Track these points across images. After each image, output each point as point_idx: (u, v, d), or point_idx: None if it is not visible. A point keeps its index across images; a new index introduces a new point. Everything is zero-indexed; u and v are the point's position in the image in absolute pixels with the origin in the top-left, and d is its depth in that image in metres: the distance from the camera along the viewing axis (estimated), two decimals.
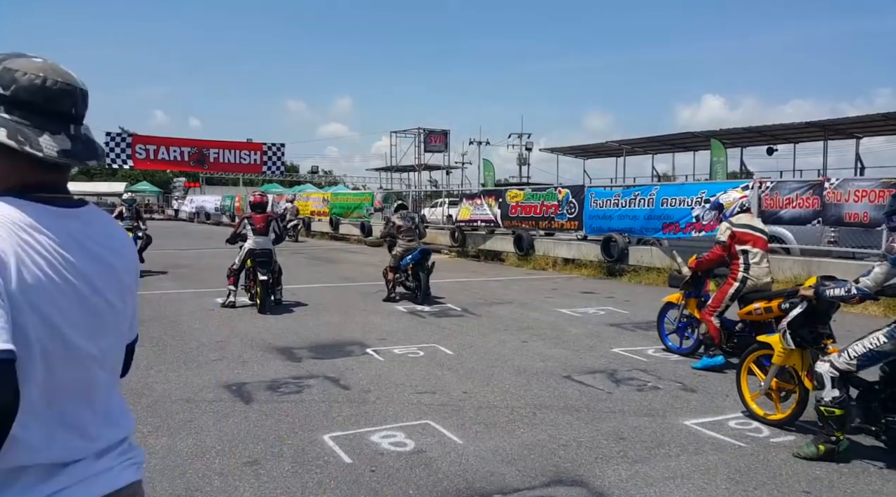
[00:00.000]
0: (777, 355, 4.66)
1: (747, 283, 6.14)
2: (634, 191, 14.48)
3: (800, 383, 4.56)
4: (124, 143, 43.75)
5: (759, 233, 6.36)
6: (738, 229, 6.28)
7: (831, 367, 4.07)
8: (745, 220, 6.43)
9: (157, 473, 3.84)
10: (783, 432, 4.67)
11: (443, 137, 42.25)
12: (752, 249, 6.19)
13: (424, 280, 10.40)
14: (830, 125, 23.57)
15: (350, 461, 4.10)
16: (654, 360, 6.82)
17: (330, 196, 29.93)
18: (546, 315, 9.53)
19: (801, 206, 11.30)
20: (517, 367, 6.46)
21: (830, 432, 4.04)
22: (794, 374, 4.62)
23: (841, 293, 4.12)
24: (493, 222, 18.87)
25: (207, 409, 5.08)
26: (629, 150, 32.05)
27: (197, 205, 45.76)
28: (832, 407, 4.00)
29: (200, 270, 15.04)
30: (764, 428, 4.77)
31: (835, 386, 4.03)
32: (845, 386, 4.06)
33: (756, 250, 6.20)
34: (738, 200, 6.66)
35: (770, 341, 4.78)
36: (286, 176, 54.20)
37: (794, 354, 4.58)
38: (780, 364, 4.67)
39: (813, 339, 4.51)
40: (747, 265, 6.16)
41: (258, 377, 6.01)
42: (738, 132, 26.51)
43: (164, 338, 7.64)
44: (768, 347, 4.80)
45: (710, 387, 5.84)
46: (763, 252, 6.26)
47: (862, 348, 3.96)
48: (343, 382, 5.89)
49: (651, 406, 5.28)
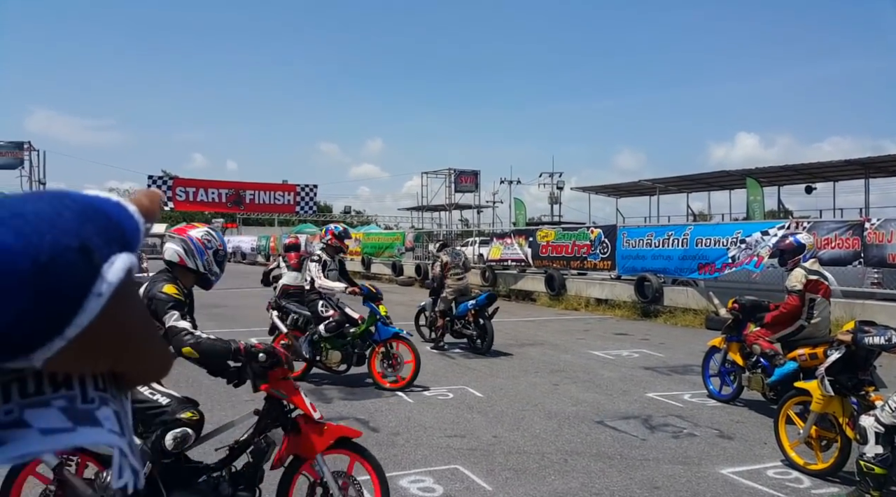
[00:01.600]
0: (816, 402, 4.52)
1: (803, 330, 5.90)
2: (668, 230, 14.34)
3: (841, 432, 4.40)
4: (165, 186, 45.01)
5: (826, 281, 6.05)
6: (812, 277, 5.93)
7: (876, 421, 3.90)
8: (816, 266, 6.11)
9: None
10: (825, 483, 4.51)
11: (473, 177, 42.53)
12: (819, 298, 5.91)
13: (490, 329, 9.45)
14: (871, 163, 23.16)
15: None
16: (691, 406, 6.66)
17: (362, 236, 30.19)
18: (578, 357, 9.41)
19: (840, 246, 11.06)
20: (548, 411, 6.36)
21: (866, 489, 3.87)
22: (835, 423, 4.46)
23: (881, 342, 3.99)
24: (524, 262, 18.81)
25: None
26: (662, 188, 31.83)
27: (234, 245, 46.55)
28: (873, 464, 3.84)
29: (235, 309, 15.23)
30: (804, 478, 4.61)
31: (879, 442, 3.86)
32: (891, 442, 3.89)
33: (822, 299, 5.92)
34: (813, 245, 6.32)
35: (808, 387, 4.64)
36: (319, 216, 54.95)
37: (834, 402, 4.44)
38: (819, 411, 4.52)
39: (853, 386, 4.37)
40: (810, 315, 5.89)
41: None
42: (774, 170, 26.17)
43: (200, 376, 7.68)
44: (807, 394, 4.66)
45: (749, 434, 5.67)
46: (827, 302, 5.99)
47: None
48: (373, 424, 5.86)
49: (686, 454, 5.14)
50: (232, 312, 14.56)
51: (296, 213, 49.33)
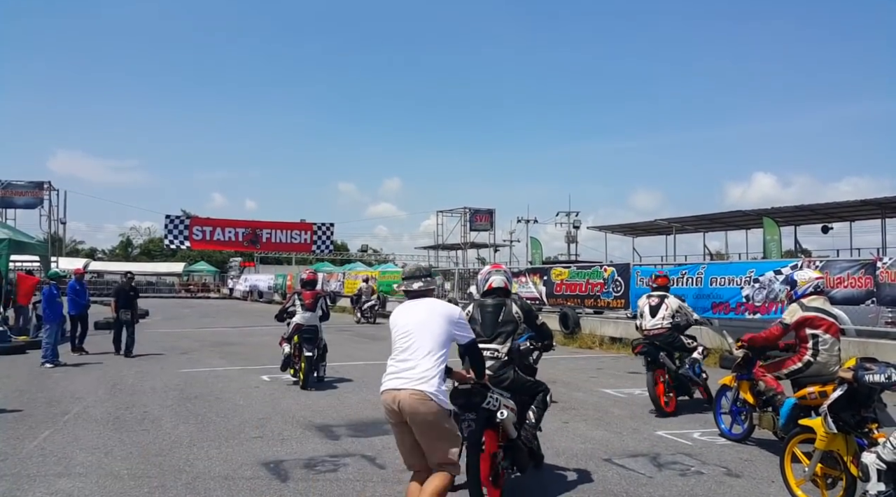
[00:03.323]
0: (820, 440, 4.51)
1: (811, 367, 5.83)
2: (682, 269, 14.36)
3: (846, 470, 4.38)
4: (182, 225, 45.80)
5: (832, 318, 5.99)
6: (809, 313, 5.93)
7: (878, 458, 3.90)
8: (817, 303, 6.05)
9: None
10: None
11: (488, 216, 42.86)
12: (824, 335, 5.85)
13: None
14: (888, 203, 23.04)
15: None
16: (700, 444, 6.62)
17: (378, 274, 30.37)
18: (590, 395, 9.38)
19: (852, 285, 11.02)
20: (556, 449, 6.35)
21: None
22: (840, 460, 4.44)
23: (881, 379, 4.00)
24: (539, 300, 18.83)
25: (244, 487, 5.14)
26: (679, 227, 31.81)
27: (251, 284, 46.98)
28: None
29: (249, 348, 15.36)
30: None
31: (881, 479, 3.85)
32: (894, 479, 3.87)
33: (827, 337, 5.85)
34: (815, 281, 6.21)
35: (812, 425, 4.63)
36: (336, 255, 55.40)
37: (838, 439, 4.42)
38: (823, 449, 4.51)
39: (856, 423, 4.35)
40: (816, 351, 5.83)
41: (296, 455, 6.06)
42: (790, 210, 26.07)
43: (209, 414, 7.79)
44: (812, 431, 4.65)
45: (757, 472, 5.63)
46: (835, 339, 5.90)
47: None
48: (379, 461, 5.89)
49: (693, 492, 5.12)
50: (246, 351, 14.69)
51: (312, 252, 49.76)
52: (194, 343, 16.52)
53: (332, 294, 33.57)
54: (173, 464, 5.74)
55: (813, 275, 6.33)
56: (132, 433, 6.92)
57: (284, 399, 8.83)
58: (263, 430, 7.08)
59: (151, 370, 11.50)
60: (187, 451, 6.18)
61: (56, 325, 12.38)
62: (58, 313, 12.56)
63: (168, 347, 15.31)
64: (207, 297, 52.75)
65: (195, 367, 11.79)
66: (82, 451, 6.21)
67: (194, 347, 15.55)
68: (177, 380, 10.47)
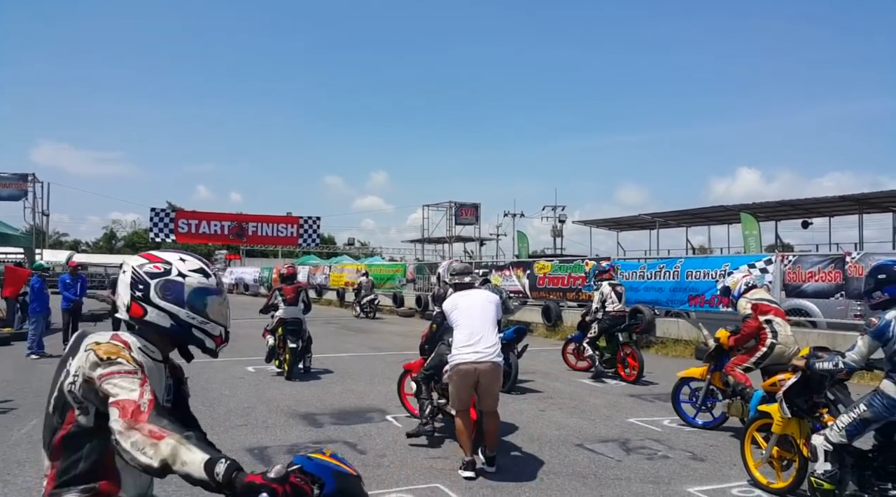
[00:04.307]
0: (776, 424, 4.79)
1: (775, 348, 6.24)
2: (660, 263, 14.65)
3: (799, 452, 4.66)
4: (168, 217, 45.70)
5: (774, 304, 6.58)
6: (757, 301, 6.48)
7: (825, 440, 4.17)
8: (759, 293, 6.64)
9: None
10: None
11: (473, 210, 43.06)
12: (775, 318, 6.36)
13: (515, 366, 8.87)
14: (865, 199, 23.51)
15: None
16: (669, 431, 6.90)
17: (364, 267, 30.52)
18: (567, 385, 9.64)
19: (823, 279, 11.35)
20: (531, 435, 6.60)
21: None
22: (794, 443, 4.72)
23: (829, 367, 4.26)
24: (522, 293, 19.09)
25: None
26: (662, 222, 32.18)
27: (236, 276, 46.87)
28: (821, 480, 4.10)
29: (234, 340, 15.42)
30: (765, 496, 4.84)
31: (827, 459, 4.12)
32: (840, 459, 4.14)
33: (779, 319, 6.38)
34: (742, 280, 6.88)
35: (770, 410, 4.91)
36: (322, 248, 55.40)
37: (792, 423, 4.70)
38: (779, 433, 4.78)
39: (808, 408, 4.63)
40: (775, 332, 6.29)
41: (280, 441, 6.27)
42: (771, 206, 26.47)
43: (195, 404, 7.89)
44: (770, 416, 4.93)
45: (720, 456, 5.91)
46: (785, 321, 6.44)
47: (848, 419, 4.09)
48: (360, 447, 6.11)
49: (658, 474, 5.38)
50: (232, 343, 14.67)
51: (298, 246, 49.78)
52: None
53: (318, 287, 33.69)
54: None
55: (738, 276, 7.04)
56: None
57: (269, 389, 9.02)
58: (248, 418, 7.28)
59: None
60: None
61: (42, 317, 12.47)
62: (44, 305, 12.64)
63: None
64: None
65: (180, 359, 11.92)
66: None
67: None
68: None
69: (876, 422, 4.00)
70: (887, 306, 4.08)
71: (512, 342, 8.73)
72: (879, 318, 4.02)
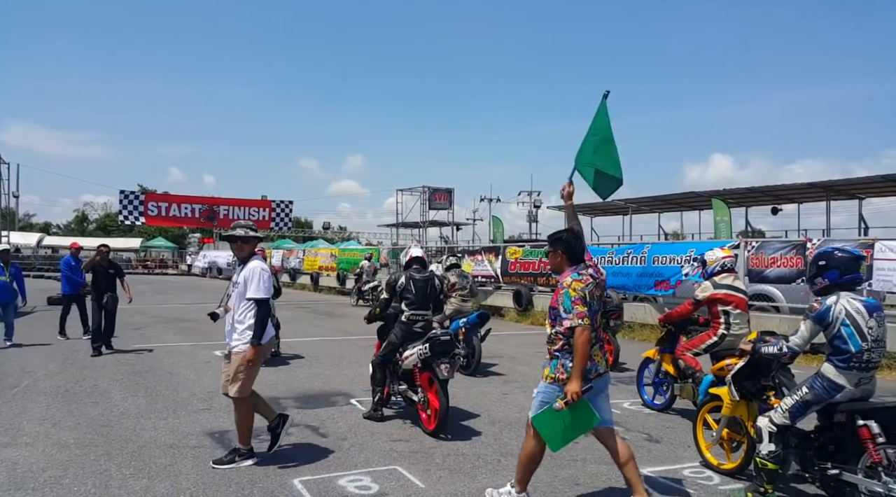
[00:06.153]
0: (725, 407, 4.91)
1: (725, 339, 6.31)
2: (627, 249, 14.81)
3: (747, 434, 4.79)
4: (137, 200, 45.10)
5: (741, 293, 6.50)
6: (720, 291, 6.42)
7: (770, 421, 4.29)
8: (728, 280, 6.54)
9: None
10: (733, 480, 4.88)
11: (447, 195, 43.08)
12: (734, 311, 6.35)
13: (478, 348, 9.19)
14: (832, 186, 23.96)
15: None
16: (628, 413, 7.03)
17: (337, 251, 30.44)
18: (533, 369, 9.75)
19: (785, 265, 11.58)
20: (493, 418, 6.69)
21: (760, 484, 4.26)
22: (742, 425, 4.85)
23: (773, 351, 4.37)
24: (494, 278, 19.20)
25: (188, 455, 5.35)
26: (636, 208, 32.53)
27: (209, 260, 46.47)
28: (765, 460, 4.22)
29: (204, 324, 15.37)
30: (716, 476, 4.98)
31: (772, 440, 4.24)
32: (783, 440, 4.27)
33: (738, 311, 6.36)
34: (721, 259, 6.70)
35: (720, 393, 5.03)
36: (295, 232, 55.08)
37: (741, 406, 4.83)
38: (728, 415, 4.91)
39: (756, 391, 4.75)
40: (728, 324, 6.33)
41: None
42: (741, 192, 26.87)
43: (159, 388, 7.94)
44: (720, 399, 5.05)
45: (675, 438, 6.05)
46: (744, 313, 6.42)
47: (791, 401, 4.21)
48: (322, 431, 6.15)
49: None
50: (201, 327, 14.72)
51: (271, 229, 49.43)
52: (148, 319, 16.49)
53: (291, 271, 33.55)
54: (120, 434, 5.92)
55: (720, 254, 6.78)
56: (81, 405, 7.05)
57: None
58: (211, 402, 7.27)
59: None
60: (135, 421, 6.35)
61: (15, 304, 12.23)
62: (21, 290, 12.35)
63: (121, 323, 15.17)
64: (165, 273, 52.04)
65: (148, 343, 11.86)
66: (30, 422, 6.34)
67: (148, 323, 15.55)
68: (128, 355, 10.55)
69: (817, 404, 4.12)
70: (828, 292, 4.19)
71: (475, 326, 9.22)
72: (821, 303, 4.13)
